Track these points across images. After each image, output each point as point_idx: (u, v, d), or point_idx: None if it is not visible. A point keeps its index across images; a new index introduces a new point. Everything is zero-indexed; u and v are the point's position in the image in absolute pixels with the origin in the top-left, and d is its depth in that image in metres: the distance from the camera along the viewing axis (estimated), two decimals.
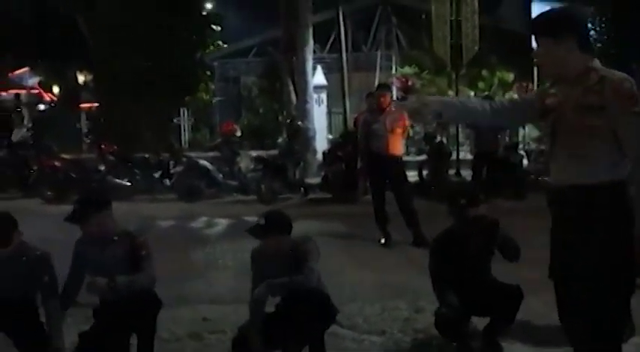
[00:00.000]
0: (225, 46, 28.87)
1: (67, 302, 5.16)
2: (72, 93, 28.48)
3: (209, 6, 27.75)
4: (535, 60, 3.80)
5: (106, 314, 5.00)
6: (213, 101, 26.86)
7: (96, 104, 24.68)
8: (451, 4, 15.13)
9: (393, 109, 9.97)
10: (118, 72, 20.03)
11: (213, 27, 26.97)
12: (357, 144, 11.90)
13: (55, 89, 30.76)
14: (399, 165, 10.12)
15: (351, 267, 8.35)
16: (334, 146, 16.02)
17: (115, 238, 5.02)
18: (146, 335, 5.03)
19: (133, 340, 5.12)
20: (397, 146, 9.99)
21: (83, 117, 25.36)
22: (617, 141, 3.50)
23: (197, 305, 6.84)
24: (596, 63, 3.63)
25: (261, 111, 24.26)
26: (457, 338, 5.31)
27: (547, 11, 3.84)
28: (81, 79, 29.76)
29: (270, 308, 5.11)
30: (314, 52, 18.99)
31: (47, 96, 28.64)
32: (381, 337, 5.82)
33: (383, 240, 9.81)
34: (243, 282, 5.40)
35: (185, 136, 21.86)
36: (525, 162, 15.43)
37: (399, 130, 9.89)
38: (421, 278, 6.05)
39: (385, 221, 9.94)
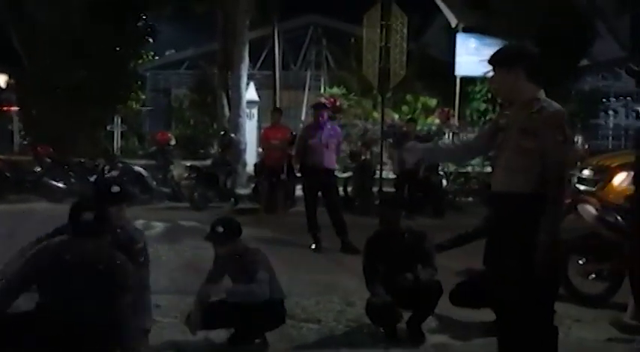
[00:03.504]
0: (157, 58, 29.28)
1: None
2: None
3: (144, 17, 28.06)
4: (492, 86, 4.70)
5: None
6: (143, 110, 27.20)
7: (18, 107, 24.65)
8: (381, 31, 15.78)
9: (329, 126, 10.76)
10: (52, 78, 20.18)
11: (147, 38, 27.32)
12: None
13: None
14: (332, 179, 10.87)
15: (284, 268, 8.76)
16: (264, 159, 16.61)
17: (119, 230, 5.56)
18: None
19: None
20: (331, 160, 10.73)
21: (15, 119, 25.36)
22: (543, 163, 4.25)
23: None
24: (541, 94, 4.41)
25: (191, 122, 24.77)
26: (385, 323, 6.09)
27: (504, 46, 4.78)
28: (2, 80, 29.58)
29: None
30: None
31: None
32: (317, 325, 6.54)
33: (314, 246, 10.49)
34: (185, 276, 6.52)
35: (117, 143, 22.17)
36: (444, 182, 16.32)
37: (333, 146, 10.66)
38: (350, 278, 6.85)
39: (316, 228, 10.61)
